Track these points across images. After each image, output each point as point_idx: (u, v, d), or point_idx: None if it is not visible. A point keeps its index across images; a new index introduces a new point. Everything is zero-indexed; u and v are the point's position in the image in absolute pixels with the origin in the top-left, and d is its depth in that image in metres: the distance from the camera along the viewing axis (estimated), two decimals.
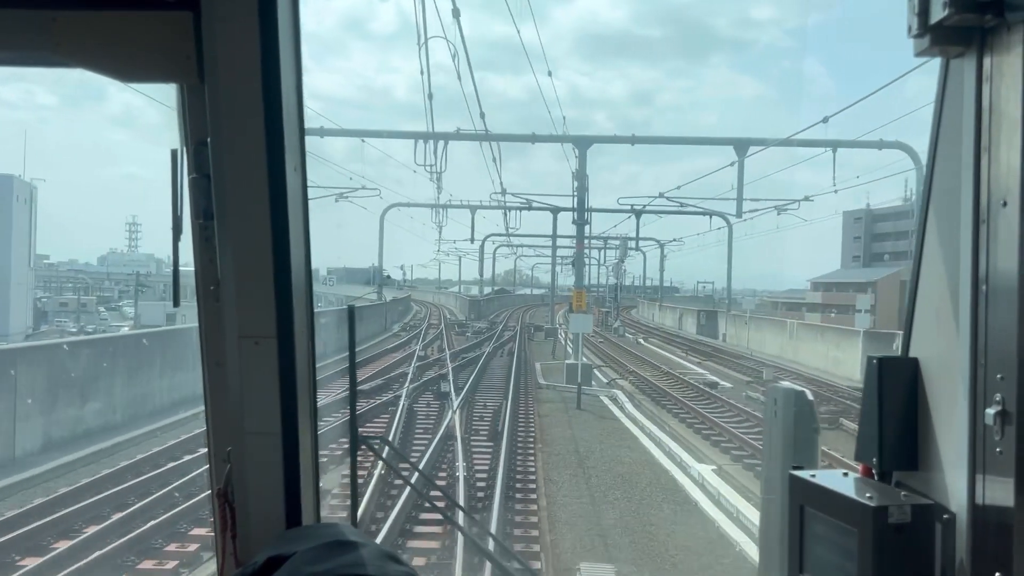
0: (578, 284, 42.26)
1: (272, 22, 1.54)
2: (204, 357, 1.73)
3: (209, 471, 1.79)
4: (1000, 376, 1.39)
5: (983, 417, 1.42)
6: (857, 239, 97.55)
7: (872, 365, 1.68)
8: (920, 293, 1.68)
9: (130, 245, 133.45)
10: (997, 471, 1.41)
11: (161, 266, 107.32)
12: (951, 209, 1.52)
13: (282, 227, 1.60)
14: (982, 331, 1.44)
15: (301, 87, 1.67)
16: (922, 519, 1.53)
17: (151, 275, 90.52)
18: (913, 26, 1.47)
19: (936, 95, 1.59)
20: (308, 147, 1.74)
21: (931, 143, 1.63)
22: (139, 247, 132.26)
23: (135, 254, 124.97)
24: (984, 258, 1.43)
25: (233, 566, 1.69)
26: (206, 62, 1.55)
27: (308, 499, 1.73)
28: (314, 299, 1.80)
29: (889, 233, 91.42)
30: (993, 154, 1.40)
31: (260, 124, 1.56)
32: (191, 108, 1.63)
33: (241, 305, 1.64)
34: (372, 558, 1.26)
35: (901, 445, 1.65)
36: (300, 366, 1.68)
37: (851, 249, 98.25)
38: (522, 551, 11.17)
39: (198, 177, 1.63)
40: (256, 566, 1.32)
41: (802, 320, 54.36)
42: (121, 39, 1.56)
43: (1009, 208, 1.36)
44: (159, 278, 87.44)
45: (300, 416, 1.68)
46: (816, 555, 1.68)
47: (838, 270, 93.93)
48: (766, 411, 4.35)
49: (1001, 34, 1.38)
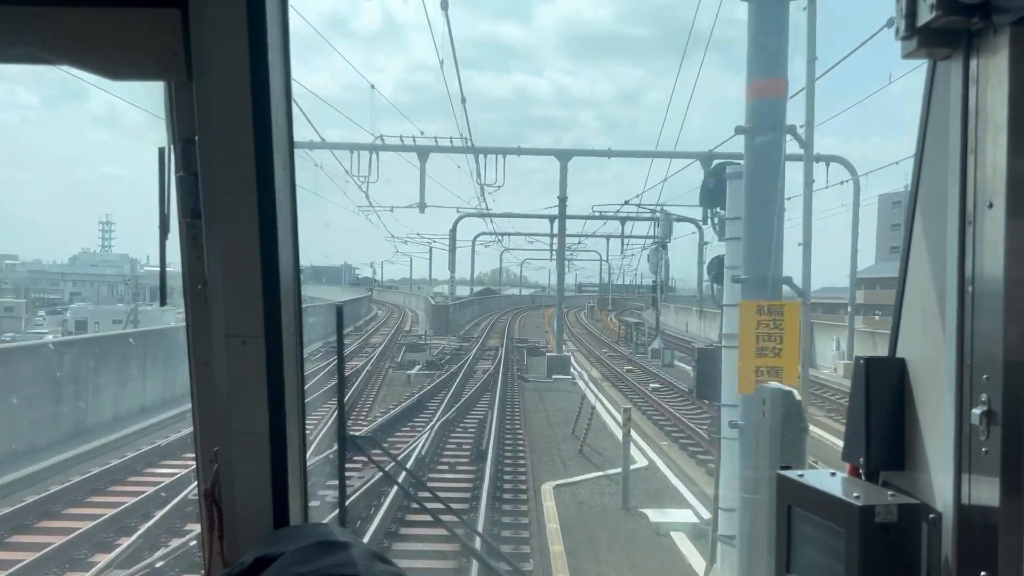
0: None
1: (260, 19, 1.54)
2: (191, 356, 1.72)
3: (196, 471, 1.79)
4: (986, 376, 1.40)
5: (969, 417, 1.43)
6: (896, 227, 79.09)
7: (859, 365, 1.68)
8: (907, 294, 1.69)
9: (103, 245, 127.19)
10: (983, 471, 1.42)
11: (136, 266, 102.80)
12: (938, 210, 1.53)
13: (270, 226, 1.60)
14: (968, 332, 1.45)
15: (290, 85, 1.66)
16: (909, 519, 1.54)
17: (125, 276, 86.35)
18: (900, 28, 1.48)
19: (923, 97, 1.60)
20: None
21: (918, 145, 1.64)
22: (113, 247, 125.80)
23: (108, 254, 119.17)
24: (970, 259, 1.44)
25: (220, 567, 1.68)
26: (194, 59, 1.55)
27: (296, 499, 1.72)
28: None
29: None
30: (979, 156, 1.41)
31: (248, 122, 1.56)
32: (179, 106, 1.62)
33: (228, 304, 1.63)
34: (360, 558, 1.26)
35: (888, 445, 1.66)
36: (288, 365, 1.68)
37: (888, 239, 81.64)
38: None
39: (185, 175, 1.63)
40: (244, 566, 1.32)
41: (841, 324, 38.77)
42: (107, 36, 1.56)
43: (995, 210, 1.37)
44: (119, 278, 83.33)
45: (288, 416, 1.68)
46: (804, 555, 1.69)
47: (874, 265, 77.37)
48: (754, 411, 4.36)
49: (988, 36, 1.38)
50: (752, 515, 4.60)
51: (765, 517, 4.02)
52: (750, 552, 4.75)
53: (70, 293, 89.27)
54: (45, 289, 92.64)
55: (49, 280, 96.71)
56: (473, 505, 13.48)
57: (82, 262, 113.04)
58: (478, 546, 9.48)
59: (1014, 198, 1.35)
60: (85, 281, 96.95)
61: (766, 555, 3.84)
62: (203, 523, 1.74)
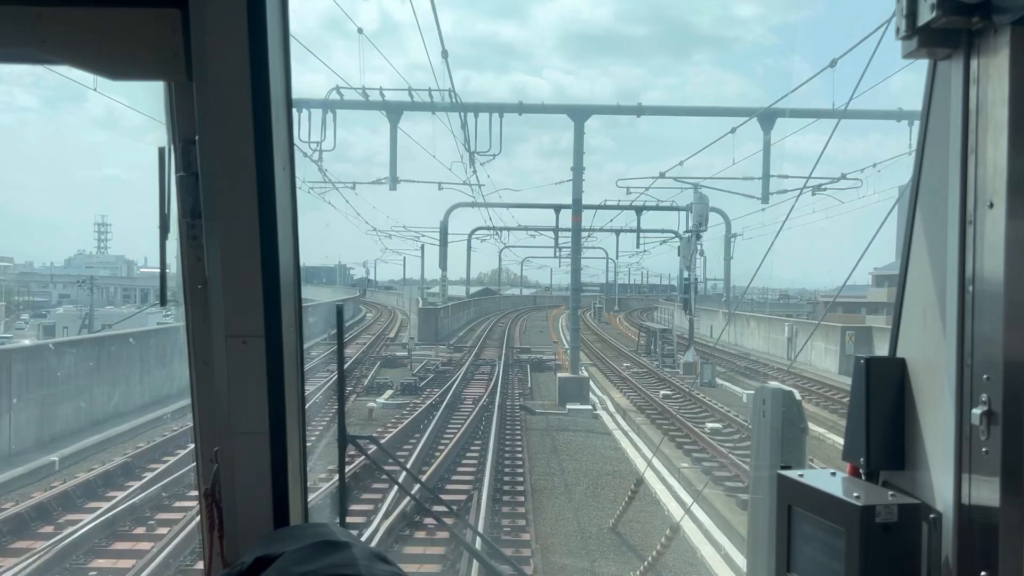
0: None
1: (261, 20, 1.54)
2: (191, 356, 1.72)
3: (196, 471, 1.79)
4: (986, 376, 1.40)
5: (969, 417, 1.43)
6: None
7: (860, 365, 1.68)
8: (907, 294, 1.69)
9: (99, 247, 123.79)
10: (983, 471, 1.42)
11: (133, 268, 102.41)
12: (938, 210, 1.53)
13: (270, 226, 1.60)
14: (968, 332, 1.45)
15: (290, 85, 1.66)
16: (909, 519, 1.54)
17: (120, 277, 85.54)
18: (901, 28, 1.48)
19: (924, 96, 1.60)
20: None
21: (918, 144, 1.64)
22: (109, 249, 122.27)
23: (104, 256, 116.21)
24: (971, 259, 1.44)
25: (220, 566, 1.68)
26: (194, 60, 1.55)
27: (296, 499, 1.72)
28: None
29: None
30: (980, 156, 1.41)
31: (248, 122, 1.56)
32: (179, 106, 1.62)
33: (229, 304, 1.63)
34: (361, 558, 1.26)
35: (888, 445, 1.66)
36: (288, 365, 1.68)
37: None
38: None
39: (186, 175, 1.63)
40: (244, 566, 1.32)
41: (862, 324, 38.34)
42: (107, 36, 1.56)
43: (996, 210, 1.37)
44: (117, 280, 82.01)
45: (288, 416, 1.68)
46: (804, 555, 1.69)
47: (893, 261, 78.35)
48: (754, 411, 4.36)
49: (988, 36, 1.39)
50: (752, 515, 4.60)
51: (765, 517, 4.02)
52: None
53: (59, 296, 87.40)
54: (33, 292, 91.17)
55: (39, 282, 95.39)
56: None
57: (76, 264, 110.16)
58: (478, 547, 9.49)
59: (1014, 198, 1.35)
60: (76, 283, 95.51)
61: (766, 555, 3.84)
62: (203, 523, 1.74)
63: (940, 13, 1.38)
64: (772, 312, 57.67)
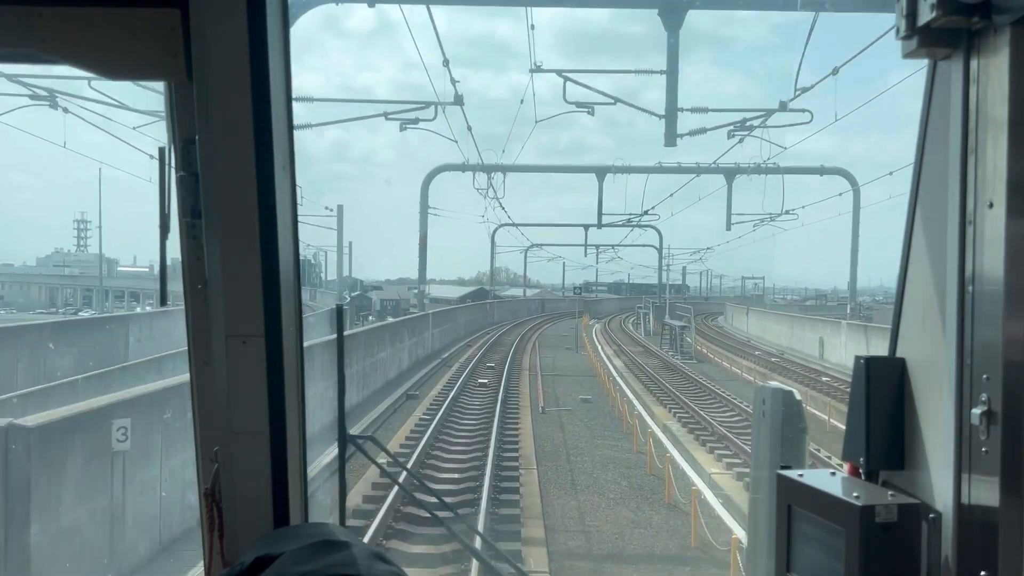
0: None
1: (261, 20, 1.54)
2: (191, 356, 1.72)
3: (196, 470, 1.79)
4: (986, 376, 1.40)
5: (969, 417, 1.43)
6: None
7: (860, 365, 1.68)
8: (907, 294, 1.69)
9: (78, 245, 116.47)
10: (983, 471, 1.42)
11: (114, 267, 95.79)
12: (938, 210, 1.53)
13: (270, 226, 1.60)
14: (968, 332, 1.45)
15: (290, 85, 1.66)
16: (909, 518, 1.54)
17: (91, 277, 77.48)
18: (901, 28, 1.48)
19: (923, 96, 1.60)
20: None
21: (918, 144, 1.64)
22: (89, 247, 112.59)
23: (83, 254, 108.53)
24: (970, 259, 1.44)
25: (220, 566, 1.68)
26: (194, 60, 1.55)
27: (296, 498, 1.72)
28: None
29: None
30: (980, 156, 1.41)
31: (248, 122, 1.56)
32: (179, 106, 1.62)
33: (229, 304, 1.63)
34: (360, 558, 1.25)
35: (888, 445, 1.66)
36: (288, 365, 1.67)
37: None
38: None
39: (186, 175, 1.63)
40: (244, 566, 1.31)
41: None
42: (108, 36, 1.55)
43: (995, 210, 1.37)
44: (90, 280, 75.13)
45: (288, 415, 1.68)
46: (804, 554, 1.69)
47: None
48: (754, 411, 4.37)
49: (988, 36, 1.39)
50: (751, 515, 4.60)
51: (765, 517, 4.02)
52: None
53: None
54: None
55: (19, 282, 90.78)
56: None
57: (52, 262, 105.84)
58: (478, 546, 9.49)
59: (1014, 198, 1.35)
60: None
61: (766, 555, 3.84)
62: (203, 523, 1.74)
63: (940, 13, 1.38)
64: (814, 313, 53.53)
